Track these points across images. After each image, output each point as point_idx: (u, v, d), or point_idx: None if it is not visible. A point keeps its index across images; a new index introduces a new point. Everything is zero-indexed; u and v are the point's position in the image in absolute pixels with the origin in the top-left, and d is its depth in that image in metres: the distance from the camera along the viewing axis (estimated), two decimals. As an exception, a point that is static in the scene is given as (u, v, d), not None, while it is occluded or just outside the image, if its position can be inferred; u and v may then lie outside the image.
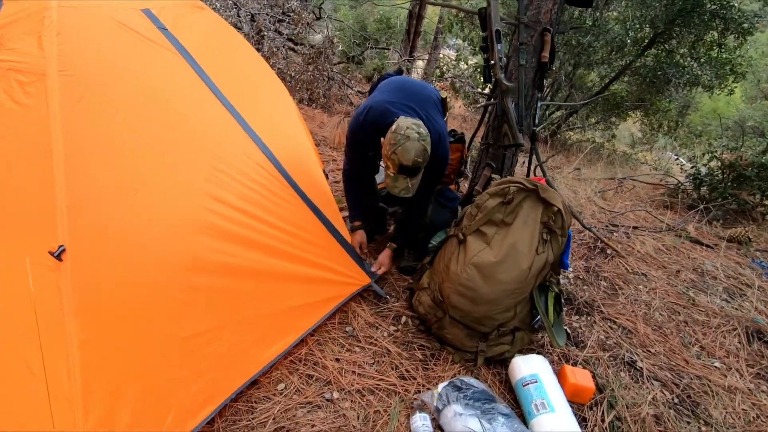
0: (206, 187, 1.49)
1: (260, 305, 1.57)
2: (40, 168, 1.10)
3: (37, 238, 1.08)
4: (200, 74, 1.71)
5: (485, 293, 1.68)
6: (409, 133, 1.72)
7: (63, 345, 1.06)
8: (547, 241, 1.69)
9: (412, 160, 1.72)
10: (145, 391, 1.19)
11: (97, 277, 1.12)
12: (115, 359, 1.14)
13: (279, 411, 1.52)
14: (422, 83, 2.13)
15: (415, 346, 1.92)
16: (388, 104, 1.94)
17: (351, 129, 2.06)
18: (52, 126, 1.11)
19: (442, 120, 2.11)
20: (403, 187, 1.82)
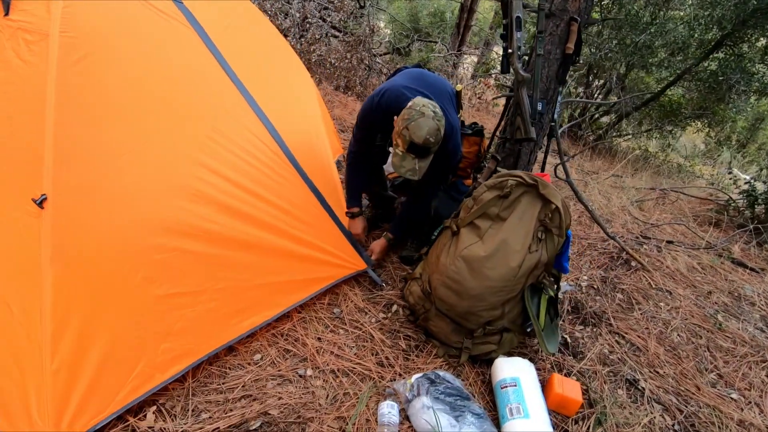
0: (200, 156, 1.53)
1: (244, 276, 1.60)
2: (34, 122, 1.18)
3: (26, 185, 1.16)
4: (211, 48, 1.76)
5: (471, 288, 1.62)
6: (424, 110, 1.68)
7: (38, 288, 1.13)
8: (542, 239, 1.60)
9: (423, 138, 1.67)
10: (114, 340, 1.25)
11: (76, 228, 1.19)
12: (86, 307, 1.20)
13: (250, 380, 1.55)
14: (440, 77, 2.09)
15: (401, 335, 1.89)
16: (405, 89, 1.90)
17: (364, 109, 2.03)
18: (48, 83, 1.18)
19: (455, 114, 2.06)
20: (410, 167, 1.77)
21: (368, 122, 2.04)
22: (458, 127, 2.03)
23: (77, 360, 1.18)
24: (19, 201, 1.15)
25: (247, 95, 1.84)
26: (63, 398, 1.15)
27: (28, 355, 1.13)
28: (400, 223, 2.25)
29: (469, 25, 8.41)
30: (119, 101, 1.34)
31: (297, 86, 2.43)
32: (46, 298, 1.12)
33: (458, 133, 2.03)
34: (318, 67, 5.37)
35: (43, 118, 1.17)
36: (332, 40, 5.60)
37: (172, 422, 1.36)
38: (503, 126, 2.48)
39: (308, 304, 1.93)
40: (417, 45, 8.72)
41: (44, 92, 1.18)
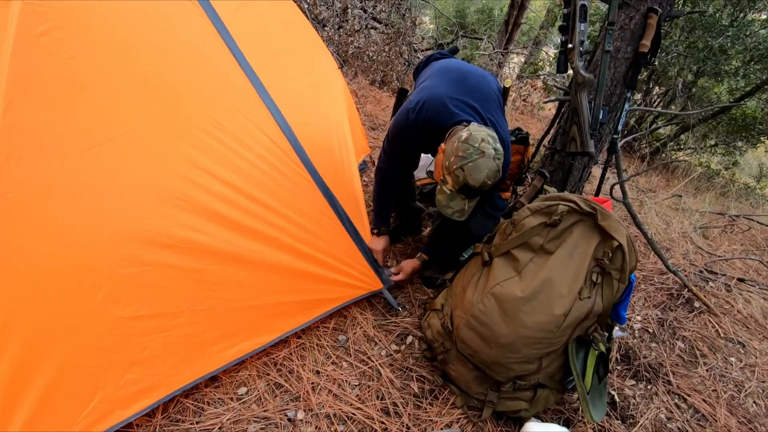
0: (192, 153, 1.31)
1: (233, 296, 1.37)
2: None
3: (-35, 181, 0.97)
4: (219, 28, 1.53)
5: (501, 334, 1.32)
6: (484, 148, 1.37)
7: (-30, 305, 0.94)
8: (597, 284, 1.27)
9: (481, 181, 1.38)
10: (63, 369, 1.05)
11: (24, 233, 0.98)
12: (31, 328, 1.00)
13: (229, 420, 1.32)
14: (482, 72, 1.72)
15: (414, 375, 1.61)
16: (448, 101, 1.56)
17: (397, 124, 1.68)
18: (1, 59, 0.98)
19: (505, 122, 1.72)
20: (458, 209, 1.49)
21: (402, 139, 1.70)
22: (509, 140, 1.71)
23: (14, 392, 0.98)
24: (-44, 199, 0.95)
25: (259, 85, 1.60)
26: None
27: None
28: (437, 243, 1.96)
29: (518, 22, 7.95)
30: (94, 84, 1.13)
31: (321, 80, 2.17)
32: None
33: (510, 146, 1.71)
34: (355, 60, 5.14)
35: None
36: (372, 32, 5.35)
37: (130, 469, 1.15)
38: (553, 135, 2.14)
39: (311, 327, 1.69)
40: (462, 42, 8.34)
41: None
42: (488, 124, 1.58)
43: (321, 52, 2.30)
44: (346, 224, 1.76)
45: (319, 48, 2.30)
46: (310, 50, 2.19)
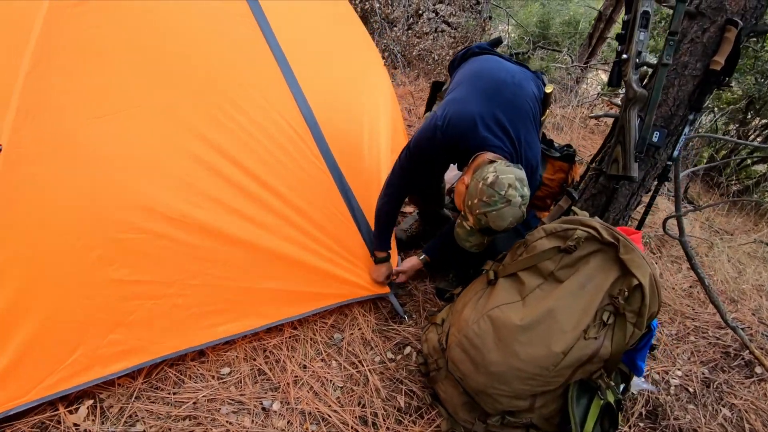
0: (203, 130, 1.34)
1: (227, 275, 1.38)
2: (12, 63, 1.06)
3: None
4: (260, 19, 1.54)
5: (492, 361, 1.20)
6: (510, 195, 1.24)
7: (-26, 244, 1.02)
8: (608, 324, 1.11)
9: (504, 227, 1.27)
10: (50, 318, 1.11)
11: (28, 187, 1.05)
12: (23, 276, 1.07)
13: (205, 397, 1.33)
14: (518, 80, 1.52)
15: (403, 388, 1.53)
16: (478, 118, 1.41)
17: (421, 138, 1.50)
18: (34, 24, 1.06)
19: (537, 143, 1.55)
20: (476, 243, 1.39)
21: (425, 157, 1.54)
22: (538, 163, 1.55)
23: (1, 333, 1.04)
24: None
25: (289, 74, 1.60)
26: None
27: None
28: (440, 246, 1.85)
29: (604, 36, 7.43)
30: (117, 56, 1.19)
31: (361, 78, 2.14)
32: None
33: (538, 170, 1.56)
34: (419, 62, 5.09)
35: (20, 61, 1.04)
36: (440, 35, 5.26)
37: (100, 425, 1.19)
38: (602, 155, 1.94)
39: (308, 319, 1.67)
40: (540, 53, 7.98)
41: (29, 33, 1.06)
42: (517, 148, 1.44)
43: (366, 49, 2.28)
44: (359, 222, 1.72)
45: (365, 46, 2.28)
46: (354, 46, 2.17)
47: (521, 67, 1.64)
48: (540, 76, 1.66)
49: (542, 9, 11.57)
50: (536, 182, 1.56)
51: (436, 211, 2.19)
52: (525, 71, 1.61)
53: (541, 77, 1.66)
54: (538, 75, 1.67)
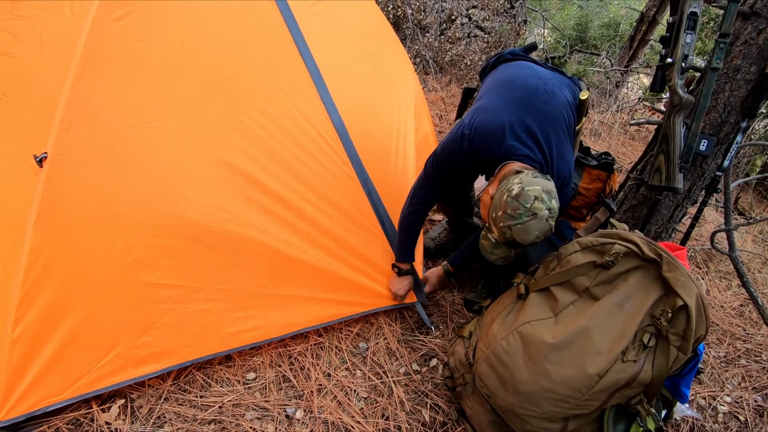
0: (235, 138, 1.36)
1: (255, 281, 1.40)
2: (60, 76, 1.12)
3: (36, 140, 1.11)
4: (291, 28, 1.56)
5: (521, 380, 1.15)
6: (536, 209, 1.18)
7: (20, 249, 1.07)
8: (648, 347, 1.04)
9: (530, 241, 1.22)
10: (87, 320, 1.15)
11: (70, 194, 1.10)
12: (64, 279, 1.12)
13: (230, 402, 1.34)
14: (551, 87, 1.44)
15: (428, 402, 1.49)
16: (507, 127, 1.35)
17: (447, 148, 1.46)
18: (79, 38, 1.11)
19: (570, 152, 1.47)
20: (502, 256, 1.34)
21: (450, 165, 1.49)
22: (570, 175, 1.47)
23: (42, 332, 1.10)
24: (27, 154, 1.10)
25: (319, 81, 1.61)
26: (19, 369, 1.08)
27: (1, 316, 1.08)
28: (465, 256, 1.81)
29: (646, 39, 7.11)
30: (155, 67, 1.23)
31: (391, 84, 2.13)
32: (22, 263, 1.05)
33: (570, 182, 1.48)
34: (451, 67, 5.05)
35: (66, 73, 1.10)
36: (473, 40, 5.20)
37: (130, 425, 1.22)
38: (643, 164, 1.84)
39: (334, 327, 1.66)
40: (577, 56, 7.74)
41: (75, 47, 1.11)
42: (548, 158, 1.37)
43: (396, 55, 2.27)
44: (386, 230, 1.71)
45: (395, 52, 2.27)
46: (385, 52, 2.16)
47: (556, 73, 1.58)
48: (576, 82, 1.59)
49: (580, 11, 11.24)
50: (569, 194, 1.48)
51: (465, 221, 2.15)
52: (559, 77, 1.55)
53: (577, 83, 1.59)
54: (574, 80, 1.59)
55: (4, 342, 1.05)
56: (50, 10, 1.29)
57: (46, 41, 1.26)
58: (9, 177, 1.15)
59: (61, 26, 1.21)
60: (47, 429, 1.16)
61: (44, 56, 1.24)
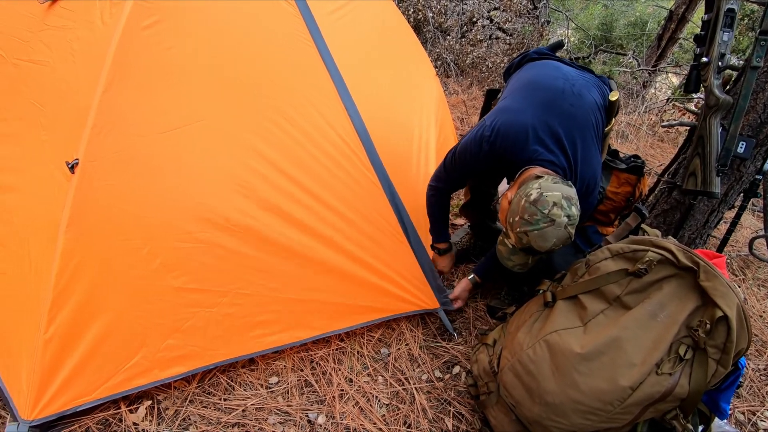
0: (258, 143, 1.37)
1: (277, 285, 1.40)
2: (90, 83, 1.15)
3: (68, 146, 1.14)
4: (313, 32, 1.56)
5: (548, 390, 1.11)
6: (555, 215, 1.15)
7: (53, 253, 1.10)
8: (685, 359, 0.99)
9: (547, 249, 1.19)
10: (115, 323, 1.18)
11: (99, 199, 1.13)
12: (93, 282, 1.14)
13: (253, 406, 1.35)
14: (580, 88, 1.40)
15: (451, 410, 1.47)
16: (530, 130, 1.32)
17: (467, 149, 1.45)
18: (109, 47, 1.14)
19: (597, 157, 1.42)
20: (520, 263, 1.32)
21: (468, 165, 1.49)
22: (596, 180, 1.42)
23: (73, 334, 1.13)
24: (60, 161, 1.13)
25: (341, 85, 1.61)
26: (51, 369, 1.11)
27: (33, 317, 1.11)
28: (491, 265, 1.78)
29: (675, 37, 6.89)
30: (181, 74, 1.25)
31: (412, 87, 2.12)
32: (54, 266, 1.08)
33: (596, 187, 1.44)
34: (473, 70, 5.01)
35: (96, 81, 1.13)
36: (494, 42, 5.15)
37: (157, 426, 1.24)
38: (676, 167, 1.78)
39: (355, 332, 1.66)
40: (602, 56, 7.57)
41: (105, 56, 1.14)
42: (572, 163, 1.33)
43: (418, 58, 2.26)
44: (409, 235, 1.69)
45: (416, 54, 2.26)
46: (406, 56, 2.16)
47: (584, 72, 1.53)
48: (606, 82, 1.54)
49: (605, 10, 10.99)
50: (594, 200, 1.43)
51: (488, 225, 2.11)
52: (588, 77, 1.50)
53: (607, 82, 1.54)
54: (604, 80, 1.54)
55: (37, 342, 1.09)
56: (82, 20, 1.33)
57: (77, 50, 1.30)
58: (45, 182, 1.19)
59: (91, 36, 1.25)
60: (78, 428, 1.19)
61: (76, 65, 1.27)
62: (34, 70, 1.40)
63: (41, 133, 1.28)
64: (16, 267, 1.19)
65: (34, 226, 1.18)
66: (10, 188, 1.29)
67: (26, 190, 1.25)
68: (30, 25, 1.44)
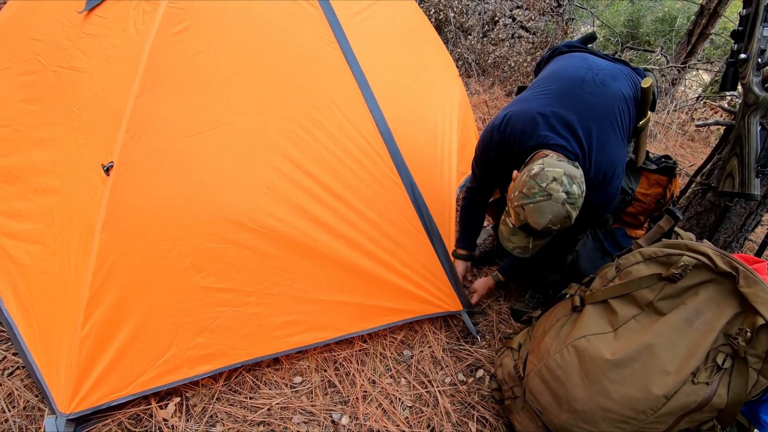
0: (284, 145, 1.38)
1: (303, 286, 1.41)
2: (125, 88, 1.19)
3: (104, 150, 1.18)
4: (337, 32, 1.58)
5: (576, 398, 1.09)
6: (552, 189, 1.14)
7: (89, 253, 1.14)
8: (723, 369, 0.95)
9: (543, 226, 1.17)
10: (147, 321, 1.21)
11: (132, 201, 1.16)
12: (126, 282, 1.18)
13: (278, 405, 1.36)
14: (604, 77, 1.37)
15: (475, 414, 1.45)
16: (539, 117, 1.31)
17: (482, 143, 1.50)
18: (143, 52, 1.18)
19: (617, 146, 1.37)
20: (520, 245, 1.28)
21: (486, 160, 1.53)
22: (617, 172, 1.36)
23: (107, 331, 1.16)
24: (96, 164, 1.17)
25: (365, 86, 1.61)
26: (87, 365, 1.15)
27: (71, 314, 1.15)
28: (517, 265, 1.76)
29: (706, 33, 6.65)
30: (210, 78, 1.28)
31: (435, 87, 2.12)
32: (90, 265, 1.12)
33: (617, 179, 1.37)
34: (494, 69, 4.95)
35: (130, 87, 1.16)
36: (517, 41, 5.08)
37: (185, 423, 1.27)
38: (711, 167, 1.71)
39: (378, 333, 1.66)
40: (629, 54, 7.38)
41: (138, 62, 1.18)
42: (585, 149, 1.29)
43: (441, 59, 2.25)
44: (432, 237, 1.68)
45: (439, 56, 2.25)
46: (429, 56, 2.15)
47: (617, 64, 1.49)
48: (642, 73, 1.49)
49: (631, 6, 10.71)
50: (614, 193, 1.39)
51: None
52: (618, 67, 1.46)
53: (642, 74, 1.49)
54: (639, 71, 1.50)
55: (74, 339, 1.13)
56: (116, 28, 1.38)
57: (112, 57, 1.35)
58: (82, 185, 1.23)
59: (125, 42, 1.29)
60: (111, 423, 1.23)
61: (111, 71, 1.32)
62: (72, 76, 1.45)
63: (79, 137, 1.32)
64: (57, 266, 1.24)
65: (73, 227, 1.23)
66: (51, 190, 1.34)
67: (66, 192, 1.30)
68: (69, 33, 1.50)
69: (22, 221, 1.41)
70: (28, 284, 1.33)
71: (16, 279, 1.36)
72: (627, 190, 1.93)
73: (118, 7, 1.40)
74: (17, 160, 1.49)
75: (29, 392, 1.27)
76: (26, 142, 1.49)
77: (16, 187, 1.47)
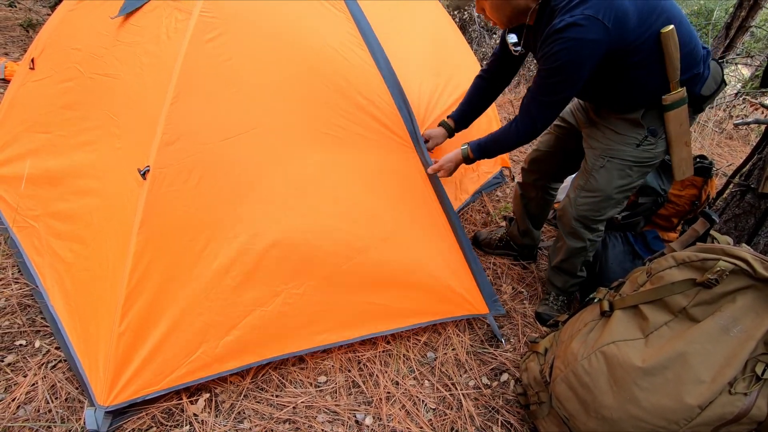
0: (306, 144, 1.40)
1: (330, 287, 1.44)
2: (160, 95, 1.24)
3: (141, 154, 1.23)
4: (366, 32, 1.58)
5: (605, 405, 1.06)
6: None
7: (126, 253, 1.19)
8: (763, 379, 0.91)
9: None
10: (179, 319, 1.25)
11: (166, 204, 1.21)
12: (161, 281, 1.22)
13: (303, 404, 1.39)
14: None
15: (499, 419, 1.44)
16: None
17: (572, 52, 1.22)
18: (177, 60, 1.22)
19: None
20: None
21: (580, 67, 1.25)
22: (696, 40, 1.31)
23: (142, 328, 1.21)
24: (132, 167, 1.22)
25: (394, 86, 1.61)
26: (124, 360, 1.20)
27: (110, 311, 1.21)
28: (491, 143, 1.56)
29: (745, 25, 6.34)
30: (241, 83, 1.31)
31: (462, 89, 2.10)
32: (127, 265, 1.17)
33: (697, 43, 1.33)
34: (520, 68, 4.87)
35: (165, 94, 1.21)
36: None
37: (215, 418, 1.31)
38: (749, 168, 1.64)
39: (402, 335, 1.66)
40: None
41: (173, 68, 1.22)
42: None
43: (466, 58, 2.23)
44: (460, 239, 1.67)
45: (464, 54, 2.24)
46: (456, 57, 2.15)
47: None
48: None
49: (664, 1, 10.25)
50: (694, 38, 1.36)
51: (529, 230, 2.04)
52: None
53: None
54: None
55: (112, 334, 1.18)
56: (149, 35, 1.43)
57: (146, 63, 1.41)
58: (119, 187, 1.29)
59: (158, 49, 1.34)
60: (145, 416, 1.28)
61: (144, 77, 1.37)
62: (108, 83, 1.52)
63: (115, 142, 1.39)
64: (97, 265, 1.30)
65: (111, 228, 1.29)
66: (91, 192, 1.41)
67: (104, 195, 1.37)
68: (105, 42, 1.57)
69: (66, 222, 1.48)
70: (73, 281, 1.40)
71: (63, 277, 1.44)
72: (659, 190, 1.88)
73: (151, 16, 1.46)
74: (59, 164, 1.57)
75: (70, 384, 1.34)
76: (67, 147, 1.57)
77: (59, 189, 1.55)
